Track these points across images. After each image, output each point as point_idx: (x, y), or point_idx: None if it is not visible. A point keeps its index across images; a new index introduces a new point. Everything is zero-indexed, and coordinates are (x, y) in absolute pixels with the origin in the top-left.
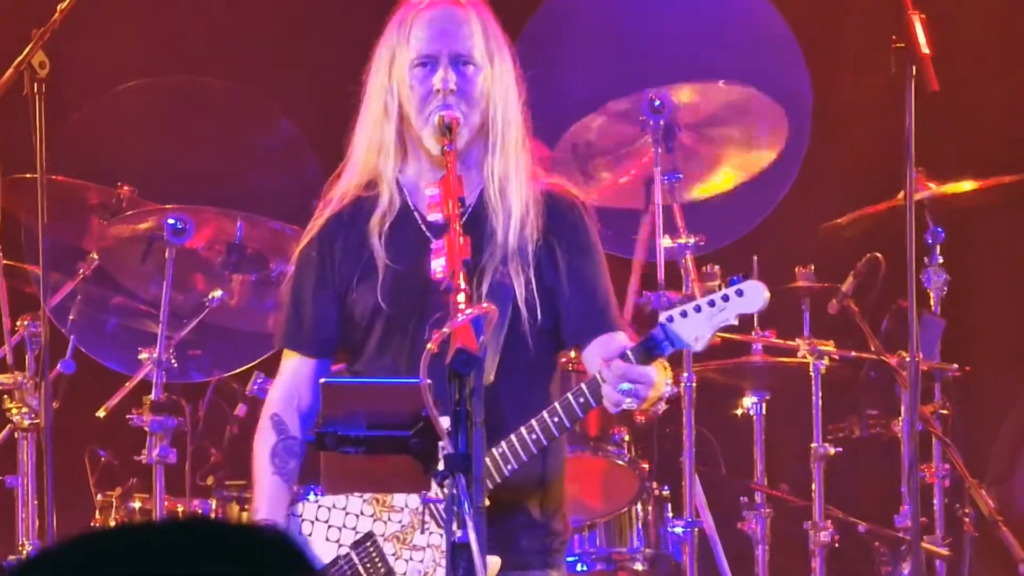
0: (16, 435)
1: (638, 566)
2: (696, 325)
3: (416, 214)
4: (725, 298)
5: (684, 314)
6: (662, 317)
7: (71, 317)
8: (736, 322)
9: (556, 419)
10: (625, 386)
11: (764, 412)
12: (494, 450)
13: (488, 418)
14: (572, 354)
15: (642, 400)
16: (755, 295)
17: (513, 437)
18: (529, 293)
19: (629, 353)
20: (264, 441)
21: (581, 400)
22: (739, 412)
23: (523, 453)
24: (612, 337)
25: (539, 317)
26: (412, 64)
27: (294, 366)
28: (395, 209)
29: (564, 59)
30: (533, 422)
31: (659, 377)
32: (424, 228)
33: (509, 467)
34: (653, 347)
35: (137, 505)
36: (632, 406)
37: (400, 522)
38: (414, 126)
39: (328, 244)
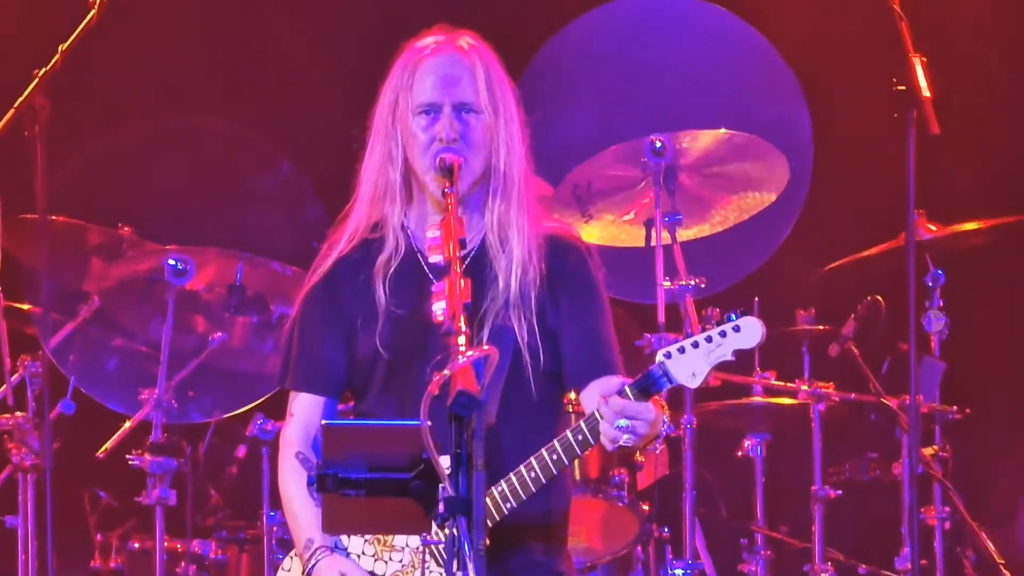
0: (16, 475)
1: None
2: (693, 361)
3: (419, 257)
4: (722, 334)
5: (682, 350)
6: (659, 354)
7: (71, 358)
8: (733, 358)
9: (555, 457)
10: (622, 422)
11: (764, 454)
12: (494, 489)
13: (489, 460)
14: (572, 395)
15: (639, 437)
16: (752, 331)
17: (512, 476)
18: (531, 337)
19: (627, 389)
20: (295, 477)
21: (579, 438)
22: (740, 454)
23: (522, 492)
24: (610, 379)
25: (541, 361)
26: (416, 111)
27: (306, 405)
28: (400, 253)
29: (567, 101)
30: (532, 460)
31: (656, 415)
32: (427, 271)
33: (508, 505)
34: (650, 384)
35: (137, 546)
36: (629, 443)
37: (401, 561)
38: (417, 171)
39: (335, 286)
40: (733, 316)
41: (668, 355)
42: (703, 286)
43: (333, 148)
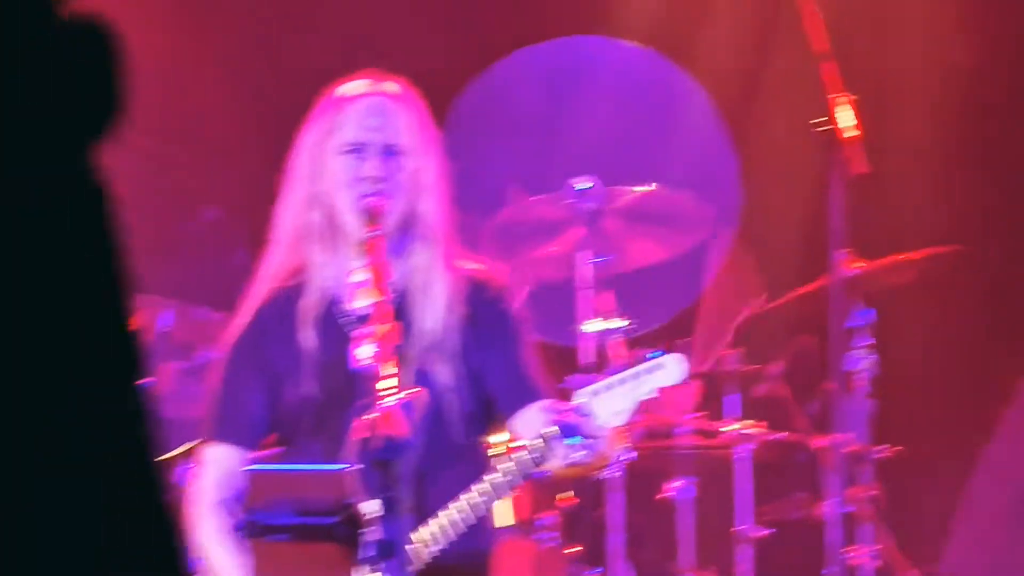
0: None
1: None
2: (615, 400)
3: (343, 302)
4: (645, 371)
5: (605, 388)
6: (582, 393)
7: None
8: (657, 395)
9: (485, 495)
10: (578, 440)
11: (691, 495)
12: (422, 530)
13: (415, 504)
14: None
15: (593, 455)
16: (674, 368)
17: (442, 515)
18: (454, 380)
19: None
20: (214, 522)
21: (535, 455)
22: (667, 495)
23: (452, 531)
24: (543, 407)
25: (465, 403)
26: (341, 150)
27: (223, 457)
28: (322, 298)
29: (494, 143)
30: (462, 498)
31: (614, 437)
32: (350, 316)
33: (437, 547)
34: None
35: None
36: (583, 460)
37: None
38: (340, 213)
39: (259, 335)
40: (656, 354)
41: (590, 394)
42: (631, 327)
43: (259, 193)
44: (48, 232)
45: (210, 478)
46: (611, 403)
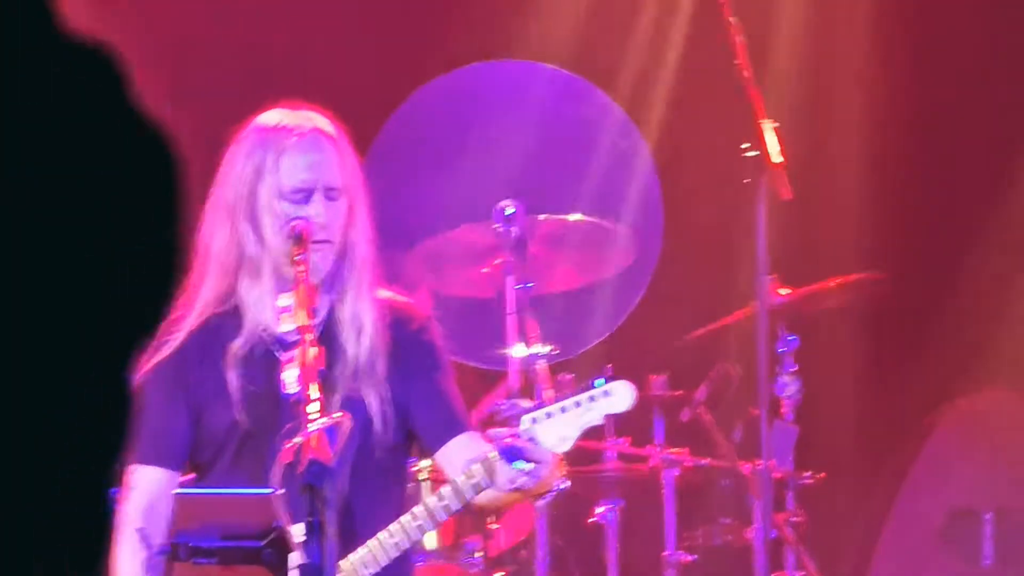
0: None
1: None
2: (560, 426)
3: (268, 331)
4: (592, 398)
5: (549, 415)
6: (525, 419)
7: None
8: (603, 423)
9: (418, 523)
10: (521, 464)
11: (617, 519)
12: (352, 555)
13: (342, 530)
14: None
15: (538, 479)
16: (622, 395)
17: (374, 540)
18: (381, 406)
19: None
20: (132, 554)
21: (474, 481)
22: (592, 520)
23: (384, 556)
24: (468, 437)
25: (390, 430)
26: (284, 194)
27: (150, 479)
28: (248, 327)
29: (419, 168)
30: (396, 523)
31: (555, 463)
32: (275, 343)
33: (369, 571)
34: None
35: None
36: (526, 485)
37: None
38: (275, 251)
39: (182, 364)
40: (601, 381)
41: (534, 420)
42: (555, 352)
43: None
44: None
45: (137, 501)
46: (557, 429)
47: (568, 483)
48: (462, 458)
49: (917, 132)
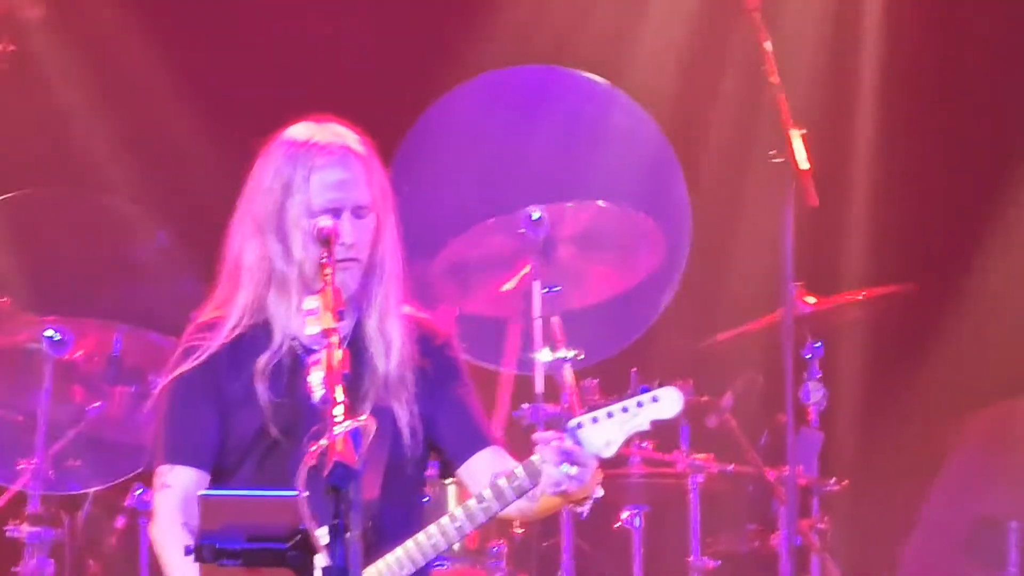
0: None
1: None
2: (607, 431)
3: (296, 339)
4: (640, 404)
5: (595, 420)
6: (571, 423)
7: None
8: (650, 428)
9: (457, 525)
10: (567, 468)
11: (642, 525)
12: (389, 556)
13: (370, 539)
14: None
15: (581, 484)
16: (670, 401)
17: (411, 543)
18: (410, 418)
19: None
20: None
21: (515, 484)
22: (617, 525)
23: (421, 558)
24: (492, 451)
25: (417, 441)
26: (313, 212)
27: (185, 479)
28: (276, 340)
29: (444, 172)
30: (433, 527)
31: (598, 468)
32: (300, 349)
33: (405, 571)
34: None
35: None
36: (571, 487)
37: None
38: (305, 268)
39: (214, 373)
40: (647, 388)
41: (580, 424)
42: (581, 357)
43: (208, 220)
44: None
45: (174, 501)
46: (603, 434)
47: (602, 492)
48: (487, 472)
49: (947, 144)
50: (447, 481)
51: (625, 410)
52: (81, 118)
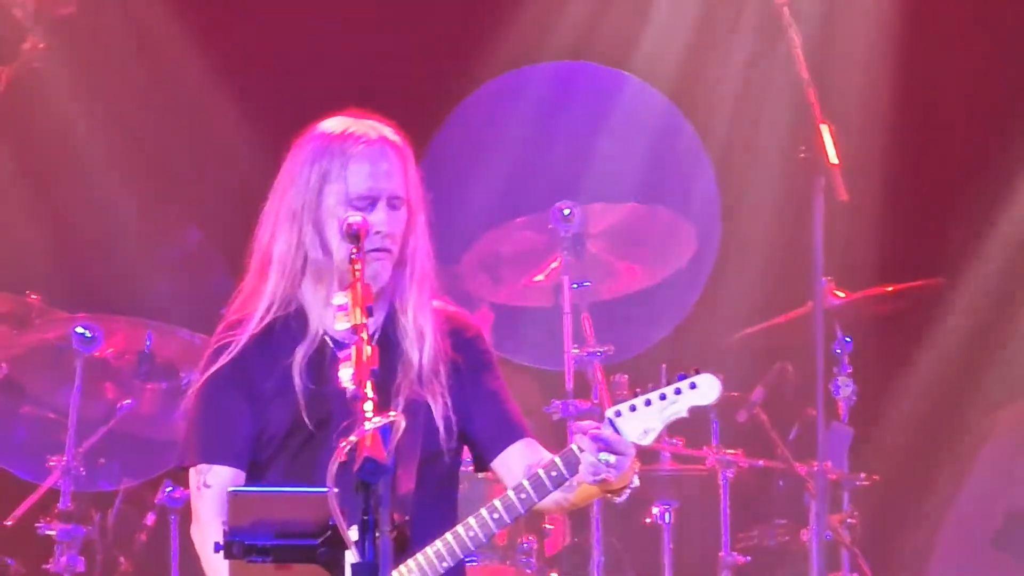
0: None
1: None
2: (645, 419)
3: (327, 333)
4: (677, 391)
5: (633, 408)
6: (609, 412)
7: None
8: (688, 415)
9: (496, 515)
10: (606, 456)
11: (672, 520)
12: (428, 548)
13: (405, 529)
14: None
15: (620, 472)
16: (709, 388)
17: (450, 535)
18: (445, 410)
19: (607, 425)
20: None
21: (553, 474)
22: (648, 520)
23: (461, 550)
24: (525, 444)
25: (452, 434)
26: (351, 202)
27: (223, 477)
28: (312, 329)
29: (476, 167)
30: (471, 520)
31: (634, 458)
32: (332, 343)
33: (444, 565)
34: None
35: None
36: (610, 476)
37: None
38: (336, 252)
39: (244, 364)
40: (685, 375)
41: (618, 413)
42: (611, 353)
43: (241, 216)
44: None
45: (214, 501)
46: (642, 422)
47: (638, 483)
48: (521, 464)
49: (976, 140)
50: (480, 475)
51: (663, 397)
52: (114, 112)
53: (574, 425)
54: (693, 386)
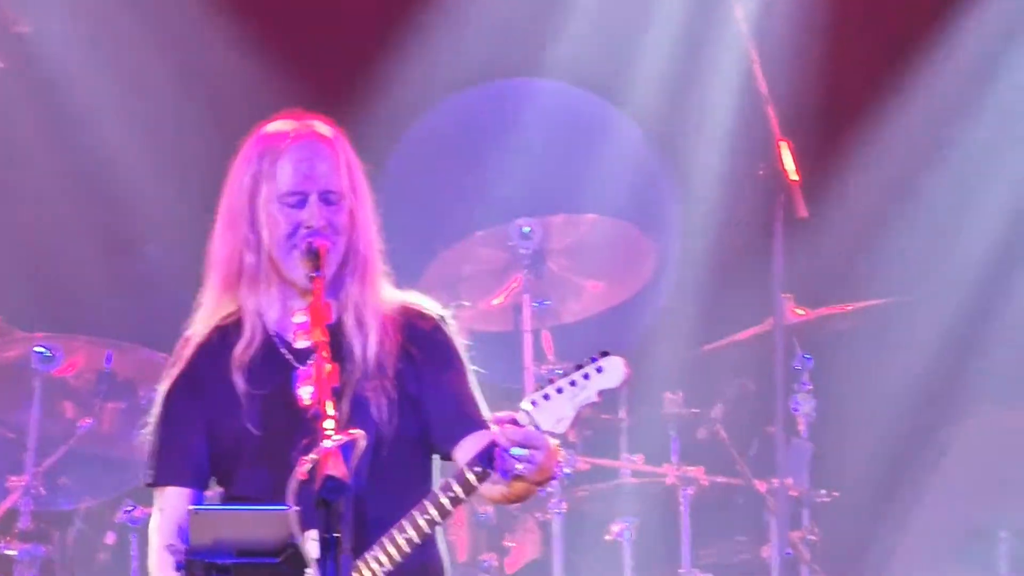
0: None
1: None
2: (558, 407)
3: (277, 340)
4: (585, 376)
5: (546, 397)
6: (524, 404)
7: None
8: (599, 400)
9: (427, 516)
10: (518, 451)
11: (633, 537)
12: (367, 554)
13: (356, 529)
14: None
15: (536, 467)
16: (614, 370)
17: (385, 538)
18: (390, 404)
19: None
20: (165, 569)
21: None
22: (608, 537)
23: (396, 553)
24: (482, 435)
25: (403, 426)
26: (280, 198)
27: (175, 498)
28: (257, 338)
29: (436, 183)
30: (404, 521)
31: (552, 448)
32: (287, 354)
33: (384, 569)
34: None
35: None
36: (526, 472)
37: None
38: (275, 256)
39: (194, 377)
40: (594, 359)
41: (534, 403)
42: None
43: (201, 231)
44: None
45: (165, 524)
46: (554, 411)
47: (568, 471)
48: (474, 452)
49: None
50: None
51: (573, 383)
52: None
53: (492, 417)
54: (600, 370)
